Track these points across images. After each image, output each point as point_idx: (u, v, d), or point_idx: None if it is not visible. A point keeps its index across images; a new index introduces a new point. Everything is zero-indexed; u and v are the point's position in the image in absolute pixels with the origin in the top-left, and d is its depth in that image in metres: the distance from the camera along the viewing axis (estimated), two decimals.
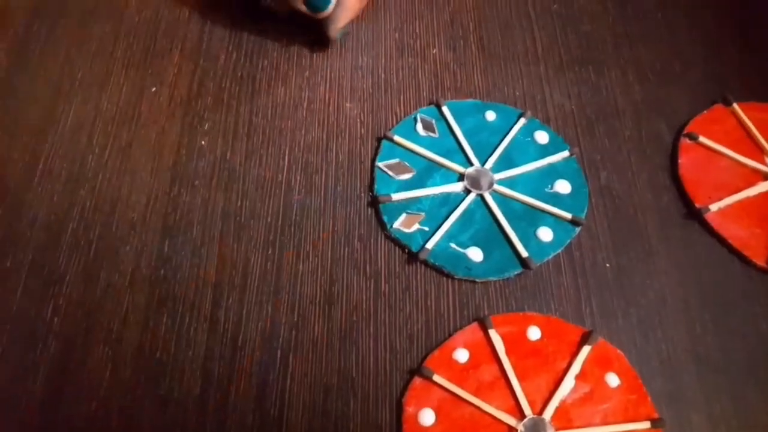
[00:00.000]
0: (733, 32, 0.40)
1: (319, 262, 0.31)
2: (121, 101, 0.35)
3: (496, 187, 0.33)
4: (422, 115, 0.36)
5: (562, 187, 0.33)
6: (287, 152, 0.34)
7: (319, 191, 0.33)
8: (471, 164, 0.34)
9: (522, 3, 0.41)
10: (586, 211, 0.33)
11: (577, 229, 0.32)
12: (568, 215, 0.32)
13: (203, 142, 0.34)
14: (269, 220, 0.32)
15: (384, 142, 0.35)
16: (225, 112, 0.35)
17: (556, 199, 0.33)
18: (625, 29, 0.40)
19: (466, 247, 0.31)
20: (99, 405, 0.27)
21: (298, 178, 0.33)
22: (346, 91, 0.37)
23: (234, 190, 0.33)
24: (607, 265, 0.32)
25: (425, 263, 0.31)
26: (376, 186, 0.33)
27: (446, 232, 0.32)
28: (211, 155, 0.34)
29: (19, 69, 0.36)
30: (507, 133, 0.35)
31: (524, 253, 0.31)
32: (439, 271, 0.31)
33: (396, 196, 0.33)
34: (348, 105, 0.36)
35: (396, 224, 0.32)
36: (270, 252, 0.31)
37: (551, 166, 0.34)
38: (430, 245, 0.31)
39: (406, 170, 0.34)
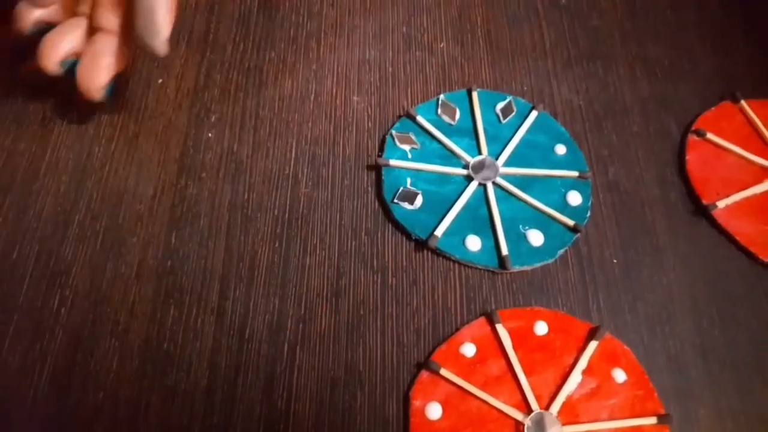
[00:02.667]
0: (741, 29, 0.40)
1: (326, 255, 0.31)
2: (127, 93, 0.35)
3: (498, 180, 0.33)
4: (444, 99, 0.36)
5: (572, 197, 0.33)
6: (294, 145, 0.34)
7: (326, 184, 0.33)
8: (480, 154, 0.34)
9: None
10: (585, 221, 0.32)
11: (575, 237, 0.32)
12: (570, 222, 0.32)
13: (210, 134, 0.34)
14: (276, 212, 0.32)
15: (404, 119, 0.35)
16: (232, 104, 0.35)
17: (560, 204, 0.33)
18: (633, 25, 0.40)
19: (465, 235, 0.32)
20: (106, 396, 0.27)
21: (305, 171, 0.33)
22: (353, 84, 0.37)
23: (241, 183, 0.33)
24: (615, 260, 0.32)
25: (436, 252, 0.31)
26: (385, 153, 0.34)
27: (453, 220, 0.32)
28: (218, 147, 0.34)
29: (25, 62, 0.35)
30: (519, 127, 0.35)
31: (504, 251, 0.31)
32: (448, 258, 0.31)
33: (394, 162, 0.33)
34: (355, 98, 0.36)
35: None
36: (277, 245, 0.31)
37: (562, 179, 0.34)
38: (439, 232, 0.31)
39: (412, 143, 0.34)
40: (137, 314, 0.29)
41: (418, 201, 0.32)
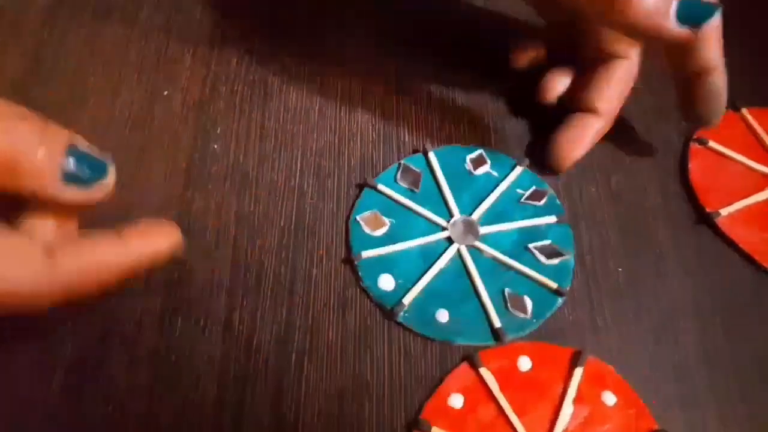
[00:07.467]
0: (740, 38, 0.40)
1: (332, 266, 0.31)
2: (133, 106, 0.35)
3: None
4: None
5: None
6: (299, 156, 0.34)
7: (332, 195, 0.33)
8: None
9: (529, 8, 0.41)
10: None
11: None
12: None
13: (216, 146, 0.34)
14: (282, 224, 0.32)
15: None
16: (237, 117, 0.35)
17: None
18: None
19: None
20: (115, 409, 0.27)
21: (311, 182, 0.33)
22: (357, 95, 0.37)
23: (247, 194, 0.33)
24: (619, 269, 0.32)
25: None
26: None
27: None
28: (223, 159, 0.34)
29: (32, 75, 0.36)
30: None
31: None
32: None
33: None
34: (359, 109, 0.36)
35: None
36: (283, 256, 0.31)
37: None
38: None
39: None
40: (145, 326, 0.29)
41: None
